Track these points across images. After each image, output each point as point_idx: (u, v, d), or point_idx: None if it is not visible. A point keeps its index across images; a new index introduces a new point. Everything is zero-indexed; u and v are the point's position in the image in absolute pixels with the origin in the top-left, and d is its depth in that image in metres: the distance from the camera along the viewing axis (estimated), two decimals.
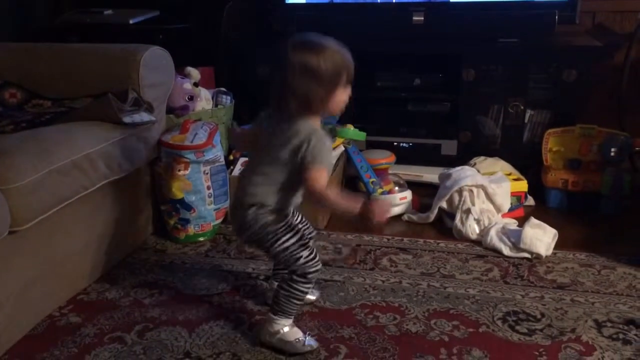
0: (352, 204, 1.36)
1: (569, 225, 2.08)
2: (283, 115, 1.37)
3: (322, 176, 1.35)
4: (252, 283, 1.78)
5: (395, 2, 2.48)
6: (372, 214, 1.35)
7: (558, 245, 1.91)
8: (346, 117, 2.45)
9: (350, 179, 2.43)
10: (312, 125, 1.37)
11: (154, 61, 1.98)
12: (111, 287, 1.78)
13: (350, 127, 2.38)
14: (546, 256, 1.87)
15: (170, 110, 2.19)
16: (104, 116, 1.82)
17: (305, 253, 1.43)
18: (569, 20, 2.35)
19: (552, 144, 2.27)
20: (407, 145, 2.56)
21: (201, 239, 2.06)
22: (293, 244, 1.43)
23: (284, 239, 1.43)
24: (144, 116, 1.92)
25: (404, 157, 2.48)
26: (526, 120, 2.40)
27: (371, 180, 2.27)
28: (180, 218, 2.01)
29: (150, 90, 1.97)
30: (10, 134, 1.65)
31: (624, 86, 2.43)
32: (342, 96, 1.38)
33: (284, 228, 1.44)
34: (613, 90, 2.52)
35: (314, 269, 1.44)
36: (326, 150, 1.37)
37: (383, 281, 1.78)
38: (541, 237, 1.88)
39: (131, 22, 2.60)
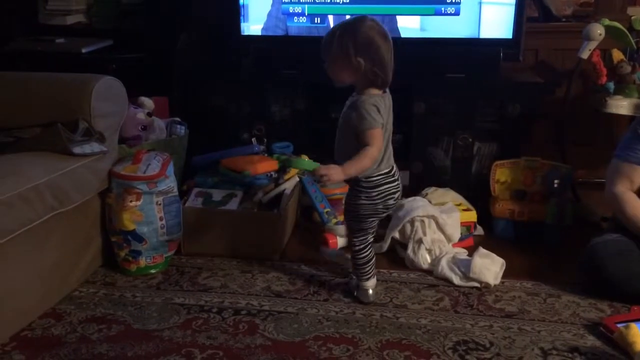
0: None
1: (516, 254, 2.14)
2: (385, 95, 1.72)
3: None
4: (205, 316, 1.76)
5: None
6: None
7: (506, 274, 1.96)
8: (300, 148, 2.51)
9: (305, 209, 2.45)
10: None
11: (106, 91, 1.97)
12: (57, 323, 1.72)
13: (304, 158, 2.40)
14: (495, 285, 1.92)
15: (122, 140, 2.16)
16: (52, 147, 1.79)
17: None
18: (513, 58, 2.46)
19: (499, 175, 2.35)
20: None
21: (153, 271, 2.02)
22: None
23: None
24: (94, 147, 1.89)
25: None
26: (474, 152, 2.48)
27: (326, 210, 2.29)
28: (131, 250, 1.98)
29: (102, 121, 1.95)
30: None
31: (565, 121, 2.55)
32: None
33: None
34: (555, 124, 2.64)
35: None
36: None
37: (336, 312, 1.78)
38: (489, 267, 1.94)
39: (83, 51, 2.57)
